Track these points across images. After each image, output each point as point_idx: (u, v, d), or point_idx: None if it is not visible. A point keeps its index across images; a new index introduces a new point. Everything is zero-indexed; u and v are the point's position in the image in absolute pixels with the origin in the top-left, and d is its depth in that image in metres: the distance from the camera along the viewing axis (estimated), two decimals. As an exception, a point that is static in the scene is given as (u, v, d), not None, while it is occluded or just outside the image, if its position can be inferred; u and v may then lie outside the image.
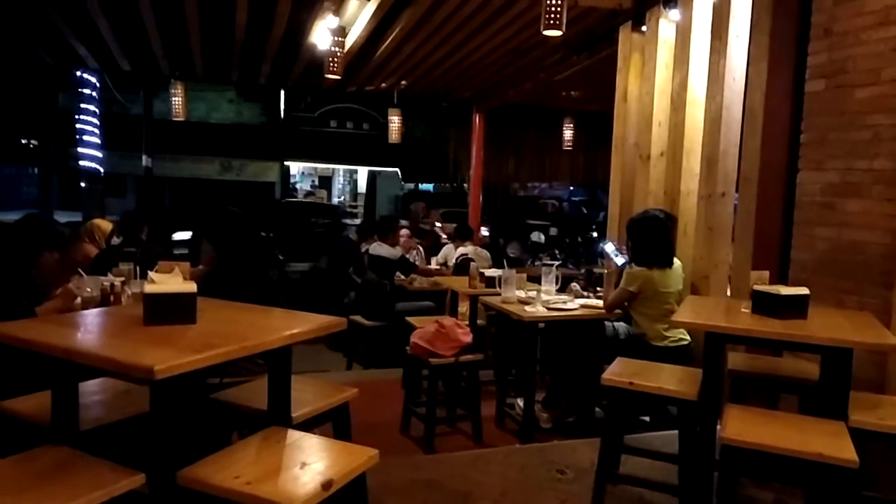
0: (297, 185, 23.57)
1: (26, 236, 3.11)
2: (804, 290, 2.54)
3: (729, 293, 3.83)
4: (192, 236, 3.71)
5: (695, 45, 4.20)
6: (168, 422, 1.78)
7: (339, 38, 5.19)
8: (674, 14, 4.40)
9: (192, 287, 2.05)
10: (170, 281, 2.10)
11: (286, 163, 24.00)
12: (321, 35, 5.59)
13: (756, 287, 2.62)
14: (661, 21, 4.52)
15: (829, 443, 2.03)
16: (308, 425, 2.24)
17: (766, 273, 2.83)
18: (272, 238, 9.97)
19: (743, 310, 2.63)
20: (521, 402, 3.96)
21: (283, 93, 22.14)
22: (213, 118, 22.43)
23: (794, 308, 2.49)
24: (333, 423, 2.45)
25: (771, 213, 3.54)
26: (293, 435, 2.00)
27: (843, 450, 1.99)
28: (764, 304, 2.54)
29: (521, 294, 4.12)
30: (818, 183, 3.29)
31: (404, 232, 6.34)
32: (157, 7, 5.39)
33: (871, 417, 2.25)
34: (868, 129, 3.02)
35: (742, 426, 2.15)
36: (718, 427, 2.31)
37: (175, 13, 5.54)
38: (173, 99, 7.89)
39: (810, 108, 3.36)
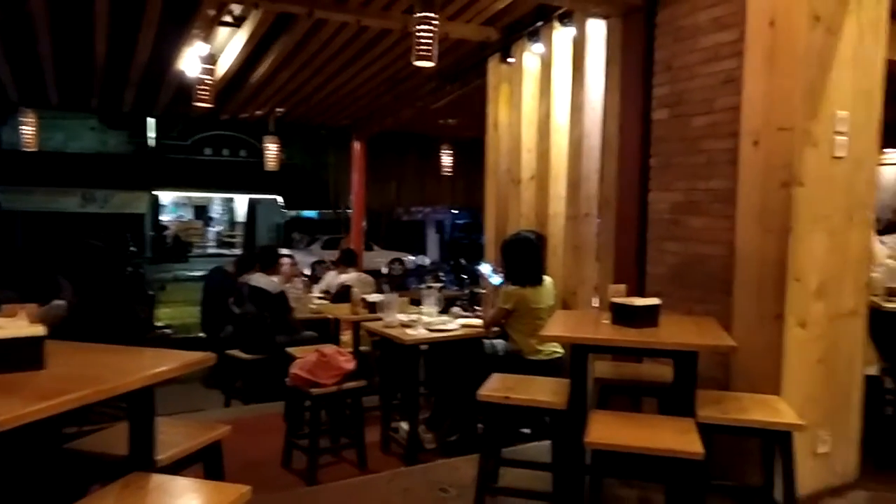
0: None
1: None
2: (655, 301, 2.77)
3: (599, 307, 4.07)
4: (47, 273, 3.45)
5: (557, 77, 4.49)
6: (12, 477, 1.63)
7: (209, 66, 5.05)
8: (537, 47, 4.69)
9: (38, 330, 1.91)
10: (12, 325, 1.94)
11: (156, 192, 22.76)
12: (190, 62, 5.41)
13: (613, 299, 2.82)
14: (526, 54, 4.80)
15: (679, 438, 2.22)
16: (175, 468, 2.13)
17: (623, 286, 3.04)
18: (141, 273, 9.37)
19: (604, 321, 2.82)
20: (405, 425, 3.97)
21: (151, 120, 21.02)
22: (73, 147, 20.85)
23: (647, 317, 2.71)
24: (204, 464, 2.34)
25: (628, 231, 3.82)
26: (157, 479, 1.90)
27: (691, 444, 2.18)
28: (621, 315, 2.75)
29: (404, 317, 4.15)
30: (666, 202, 3.59)
31: (286, 261, 6.20)
32: (2, 33, 4.99)
33: (715, 412, 2.47)
34: (703, 154, 3.36)
35: (603, 430, 2.30)
36: (586, 433, 2.44)
37: (25, 40, 5.16)
38: (23, 128, 7.27)
39: (657, 135, 3.68)
